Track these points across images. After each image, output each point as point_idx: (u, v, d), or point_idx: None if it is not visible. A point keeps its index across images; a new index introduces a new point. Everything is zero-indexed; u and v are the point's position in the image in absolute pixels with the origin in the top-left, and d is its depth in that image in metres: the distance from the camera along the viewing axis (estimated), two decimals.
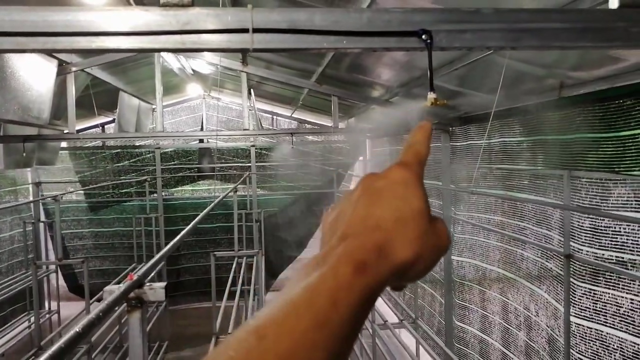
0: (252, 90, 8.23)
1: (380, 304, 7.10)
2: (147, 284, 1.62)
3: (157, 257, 1.93)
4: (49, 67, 5.45)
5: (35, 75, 5.21)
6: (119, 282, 6.63)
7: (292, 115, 10.49)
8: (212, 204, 3.79)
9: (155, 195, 8.33)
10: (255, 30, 1.53)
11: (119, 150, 9.72)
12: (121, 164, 9.80)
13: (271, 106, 10.55)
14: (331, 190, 9.16)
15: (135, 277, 1.58)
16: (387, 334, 5.95)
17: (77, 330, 1.13)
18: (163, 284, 1.66)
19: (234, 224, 5.55)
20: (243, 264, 6.49)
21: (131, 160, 9.88)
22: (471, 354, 5.41)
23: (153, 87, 8.75)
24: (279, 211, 10.16)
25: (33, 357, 5.09)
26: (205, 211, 3.31)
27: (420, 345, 5.22)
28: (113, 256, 9.69)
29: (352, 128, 8.92)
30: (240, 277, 5.97)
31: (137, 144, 9.78)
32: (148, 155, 9.77)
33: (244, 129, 6.61)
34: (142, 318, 1.57)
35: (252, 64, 6.49)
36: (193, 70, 8.13)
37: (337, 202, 0.46)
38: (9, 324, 7.35)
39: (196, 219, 2.93)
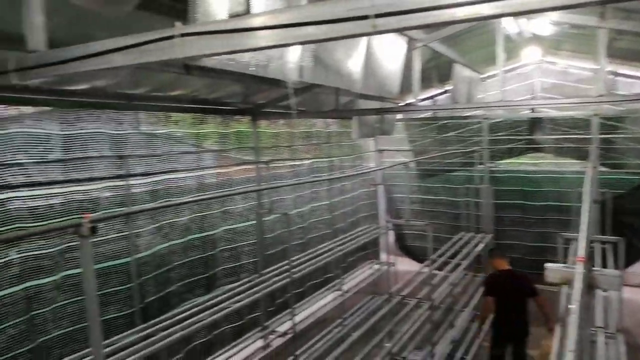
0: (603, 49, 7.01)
1: None
2: (596, 268, 1.48)
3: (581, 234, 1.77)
4: (401, 45, 5.95)
5: (389, 53, 5.77)
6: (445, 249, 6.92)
7: None
8: (587, 182, 3.37)
9: (481, 166, 8.24)
10: None
11: (447, 121, 10.04)
12: (449, 134, 10.11)
13: (617, 66, 8.78)
14: None
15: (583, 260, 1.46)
16: None
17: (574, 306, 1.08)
18: (617, 272, 1.49)
19: (584, 205, 4.87)
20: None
21: (458, 131, 10.08)
22: None
23: (484, 56, 8.57)
24: (627, 193, 8.53)
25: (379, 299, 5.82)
26: (586, 187, 2.94)
27: None
28: (438, 224, 10.23)
29: None
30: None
31: (466, 115, 9.86)
32: (475, 126, 9.73)
33: (599, 95, 5.68)
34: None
35: (611, 17, 5.50)
36: (532, 34, 7.51)
37: None
38: (357, 269, 8.76)
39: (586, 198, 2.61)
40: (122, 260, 4.99)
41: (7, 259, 4.02)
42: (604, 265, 4.81)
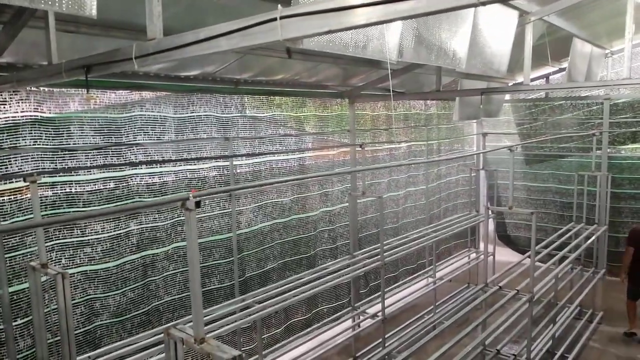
0: None
1: None
2: None
3: None
4: (510, 19, 5.52)
5: (497, 29, 5.38)
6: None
7: None
8: None
9: (599, 152, 7.47)
10: None
11: (562, 102, 9.20)
12: (563, 116, 9.28)
13: None
14: None
15: None
16: None
17: None
18: None
19: None
20: None
21: (574, 113, 9.20)
22: None
23: (610, 29, 7.66)
24: None
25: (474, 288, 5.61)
26: None
27: None
28: (545, 213, 9.53)
29: None
30: None
31: (584, 95, 8.96)
32: (595, 108, 8.81)
33: None
34: None
35: None
36: None
37: None
38: (452, 256, 8.51)
39: None
40: (225, 235, 5.35)
41: (127, 229, 4.50)
42: None
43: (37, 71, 3.16)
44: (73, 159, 4.06)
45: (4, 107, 3.63)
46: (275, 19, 1.65)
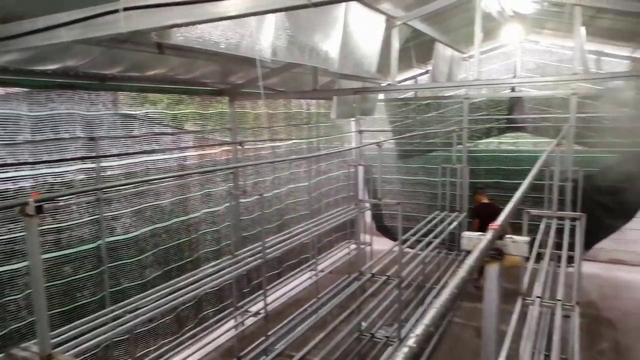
0: (583, 27, 7.02)
1: None
2: (508, 236, 1.51)
3: (509, 208, 1.80)
4: (378, 23, 5.89)
5: (366, 32, 5.70)
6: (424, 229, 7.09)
7: (632, 55, 8.55)
8: (541, 159, 3.42)
9: (460, 146, 8.31)
10: None
11: (429, 101, 10.06)
12: (429, 114, 10.15)
13: (599, 45, 8.82)
14: None
15: (497, 228, 1.49)
16: None
17: (463, 274, 1.10)
18: (527, 238, 1.52)
19: (554, 183, 4.96)
20: (553, 227, 5.87)
21: (439, 111, 10.11)
22: None
23: (467, 35, 8.53)
24: (600, 171, 8.70)
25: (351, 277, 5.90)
26: (537, 165, 2.99)
27: None
28: (416, 203, 10.35)
29: None
30: (550, 241, 5.42)
31: (447, 94, 9.88)
32: (456, 106, 9.77)
33: (573, 74, 5.72)
34: (500, 271, 1.47)
35: None
36: (513, 12, 7.49)
37: None
38: (334, 248, 8.84)
39: (531, 174, 2.66)
40: (93, 244, 4.95)
41: None
42: (572, 240, 4.92)
43: None
44: None
45: None
46: (117, 10, 1.58)
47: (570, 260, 5.22)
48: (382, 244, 8.72)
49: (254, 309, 5.73)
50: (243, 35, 4.03)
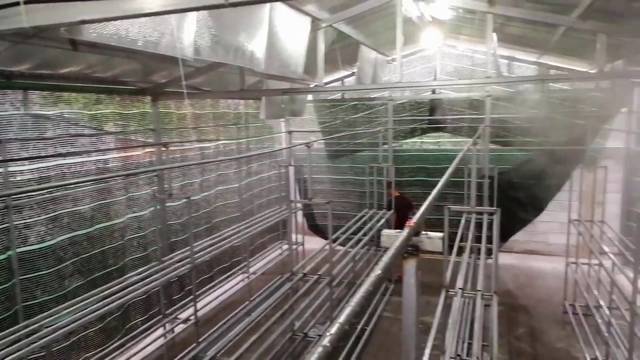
0: (495, 34, 7.52)
1: None
2: (424, 233, 1.58)
3: (425, 206, 1.89)
4: (304, 24, 5.93)
5: (292, 33, 5.73)
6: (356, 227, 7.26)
7: (538, 60, 9.28)
8: (457, 158, 3.62)
9: (386, 146, 8.59)
10: None
11: (356, 102, 10.29)
12: (357, 115, 10.39)
13: (510, 51, 9.51)
14: (581, 148, 7.91)
15: (412, 225, 1.55)
16: None
17: (379, 272, 1.14)
18: (441, 234, 1.60)
19: (472, 180, 5.27)
20: (472, 221, 6.24)
21: (366, 112, 10.38)
22: None
23: (390, 38, 8.83)
24: (513, 169, 9.38)
25: (283, 278, 5.91)
26: (453, 164, 3.16)
27: None
28: (346, 202, 10.55)
29: (621, 72, 7.38)
30: (470, 235, 5.76)
31: (372, 96, 10.15)
32: (382, 107, 10.08)
33: (486, 77, 6.10)
34: (417, 266, 1.54)
35: (499, 3, 5.90)
36: (432, 17, 7.85)
37: None
38: (267, 250, 8.79)
39: (448, 173, 2.81)
40: (2, 255, 4.56)
41: None
42: (490, 233, 5.23)
43: None
44: None
45: None
46: (18, 3, 1.46)
47: (489, 252, 5.56)
48: (314, 243, 8.81)
49: (184, 315, 5.55)
50: (163, 34, 3.89)
